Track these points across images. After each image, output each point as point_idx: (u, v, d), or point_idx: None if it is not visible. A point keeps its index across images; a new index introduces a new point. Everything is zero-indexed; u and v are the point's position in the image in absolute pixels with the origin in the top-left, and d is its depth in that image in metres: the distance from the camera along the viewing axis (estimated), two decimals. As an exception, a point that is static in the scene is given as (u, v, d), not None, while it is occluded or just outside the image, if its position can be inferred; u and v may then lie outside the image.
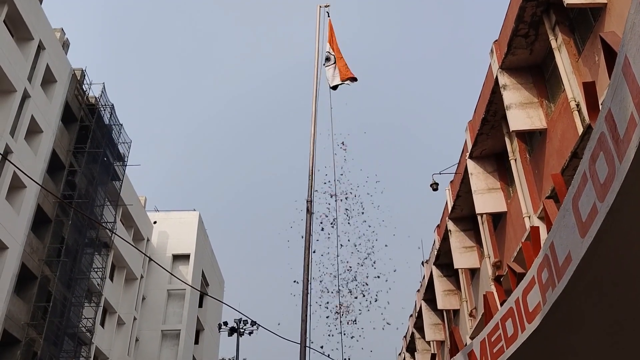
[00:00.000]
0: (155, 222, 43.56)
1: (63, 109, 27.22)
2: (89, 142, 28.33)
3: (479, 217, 16.20)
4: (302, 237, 10.11)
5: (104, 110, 29.89)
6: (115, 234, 24.05)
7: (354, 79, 11.13)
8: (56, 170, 26.83)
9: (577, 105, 10.19)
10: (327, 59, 11.26)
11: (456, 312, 20.16)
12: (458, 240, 17.82)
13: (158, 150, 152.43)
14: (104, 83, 29.64)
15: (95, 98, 29.62)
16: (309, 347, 9.99)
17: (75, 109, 28.40)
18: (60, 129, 27.16)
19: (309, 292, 9.82)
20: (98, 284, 31.02)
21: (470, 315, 17.61)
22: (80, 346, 29.38)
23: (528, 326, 5.58)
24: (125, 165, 32.99)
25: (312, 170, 10.72)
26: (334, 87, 11.20)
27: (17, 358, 23.10)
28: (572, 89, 10.36)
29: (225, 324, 44.59)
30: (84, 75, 29.29)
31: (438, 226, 21.10)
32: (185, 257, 44.45)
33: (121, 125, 31.28)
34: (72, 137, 28.23)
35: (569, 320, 5.34)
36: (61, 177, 27.04)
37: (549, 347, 5.79)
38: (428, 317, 23.42)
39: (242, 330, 42.60)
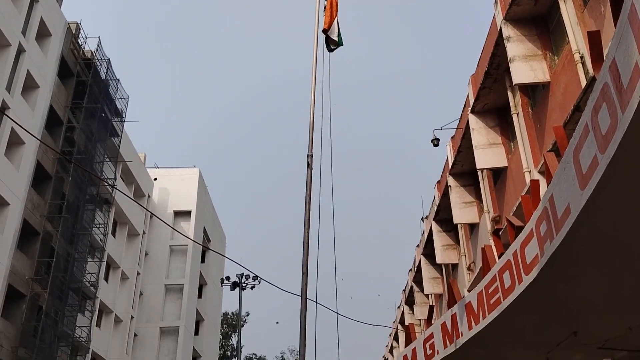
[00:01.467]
0: (155, 179, 43.64)
1: (59, 64, 26.86)
2: (86, 97, 28.08)
3: (479, 173, 16.17)
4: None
5: (100, 64, 29.50)
6: (116, 188, 24.09)
7: (335, 43, 11.06)
8: (54, 126, 26.69)
9: (581, 57, 9.99)
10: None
11: (455, 266, 20.37)
12: (458, 196, 17.84)
13: (156, 107, 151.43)
14: (99, 37, 29.19)
15: (91, 52, 29.19)
16: (310, 299, 10.10)
17: (71, 63, 28.03)
18: (57, 84, 26.87)
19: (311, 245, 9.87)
20: (100, 240, 31.31)
21: (469, 269, 17.80)
22: (85, 300, 29.90)
23: (525, 278, 5.59)
24: (124, 121, 32.81)
25: (312, 124, 10.61)
26: (329, 49, 11.15)
27: (23, 312, 23.52)
28: (577, 41, 10.14)
29: (228, 278, 45.26)
30: (79, 29, 28.78)
31: (438, 182, 21.10)
32: (186, 214, 44.75)
33: (118, 80, 30.94)
34: (69, 92, 27.96)
35: (566, 272, 5.35)
36: (59, 133, 26.93)
37: (546, 298, 5.82)
38: (427, 271, 23.70)
39: (244, 284, 43.26)
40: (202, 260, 48.62)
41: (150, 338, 40.40)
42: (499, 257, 6.65)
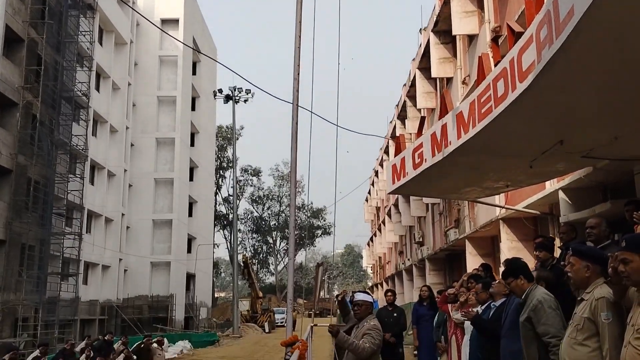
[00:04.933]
0: (139, -18, 41.13)
1: None
2: None
3: (483, -21, 15.26)
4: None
5: None
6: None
7: None
8: None
9: None
10: None
11: (449, 80, 20.21)
12: (459, 4, 17.02)
13: None
14: None
15: None
16: (303, 107, 10.10)
17: None
18: None
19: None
20: (88, 48, 30.51)
21: (463, 82, 17.66)
22: (78, 110, 30.05)
23: (519, 85, 5.49)
24: None
25: None
26: None
27: (18, 120, 23.74)
28: None
29: (220, 91, 45.09)
30: None
31: (439, -11, 20.02)
32: (174, 22, 42.98)
33: None
34: None
35: (560, 80, 5.23)
36: None
37: (537, 107, 5.79)
38: (421, 85, 23.57)
39: (237, 97, 43.26)
40: (194, 73, 48.01)
41: (147, 148, 41.45)
42: (495, 66, 6.49)
